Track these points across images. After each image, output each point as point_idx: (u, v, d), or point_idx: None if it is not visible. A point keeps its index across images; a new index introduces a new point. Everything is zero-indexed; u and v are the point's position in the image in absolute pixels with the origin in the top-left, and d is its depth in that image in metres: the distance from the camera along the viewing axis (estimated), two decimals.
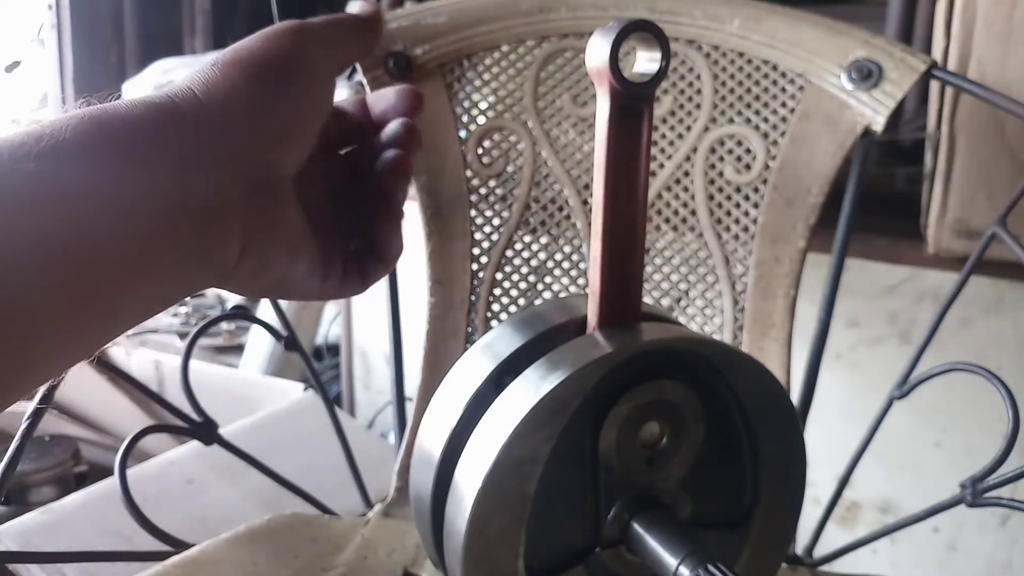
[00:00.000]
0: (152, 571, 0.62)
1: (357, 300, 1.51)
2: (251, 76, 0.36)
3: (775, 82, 0.73)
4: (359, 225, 0.45)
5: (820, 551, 0.75)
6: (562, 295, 0.77)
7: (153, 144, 0.32)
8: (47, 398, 0.61)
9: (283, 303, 0.83)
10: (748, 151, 0.73)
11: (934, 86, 0.89)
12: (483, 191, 0.79)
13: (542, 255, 0.78)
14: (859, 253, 1.00)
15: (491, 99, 0.78)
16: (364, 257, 0.45)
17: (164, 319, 1.75)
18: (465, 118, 0.78)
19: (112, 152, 0.30)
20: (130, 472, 0.69)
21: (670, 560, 0.37)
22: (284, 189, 0.37)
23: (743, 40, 0.74)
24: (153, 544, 0.69)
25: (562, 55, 0.78)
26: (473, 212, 0.79)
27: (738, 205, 0.73)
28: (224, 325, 1.73)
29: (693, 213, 0.75)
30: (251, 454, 0.76)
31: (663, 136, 0.76)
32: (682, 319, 0.74)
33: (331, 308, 1.74)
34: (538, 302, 0.77)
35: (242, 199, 0.34)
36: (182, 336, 1.72)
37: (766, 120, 0.73)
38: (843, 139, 0.71)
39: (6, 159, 0.28)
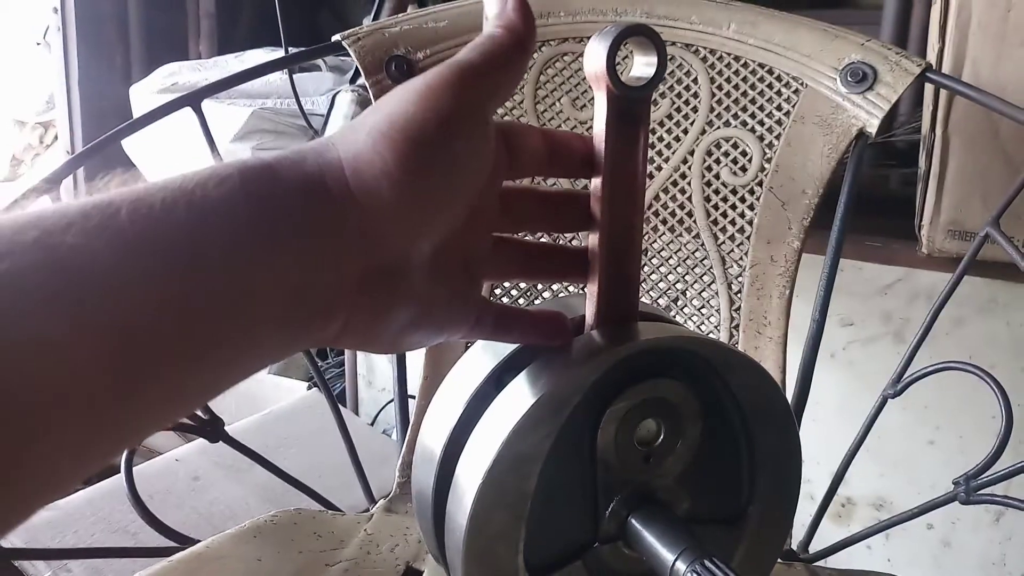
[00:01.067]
0: (157, 567, 0.63)
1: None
2: (404, 155, 0.30)
3: (771, 85, 0.74)
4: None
5: (815, 547, 0.76)
6: (561, 295, 0.78)
7: (299, 221, 0.28)
8: None
9: None
10: (744, 153, 0.74)
11: (928, 89, 0.90)
12: None
13: None
14: (854, 253, 1.01)
15: None
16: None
17: None
18: None
19: (258, 218, 0.28)
20: (136, 469, 0.70)
21: (667, 555, 0.38)
22: (408, 275, 0.32)
23: (739, 44, 0.74)
24: (159, 540, 0.69)
25: (561, 59, 0.79)
26: None
27: (734, 206, 0.74)
28: None
29: (690, 214, 0.75)
30: (256, 451, 0.77)
31: (660, 139, 0.77)
32: (679, 318, 0.75)
33: None
34: (538, 302, 0.78)
35: (358, 289, 0.30)
36: None
37: (762, 123, 0.74)
38: (838, 141, 0.71)
39: (157, 207, 0.26)
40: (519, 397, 0.36)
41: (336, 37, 0.79)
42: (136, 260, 0.25)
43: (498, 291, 0.79)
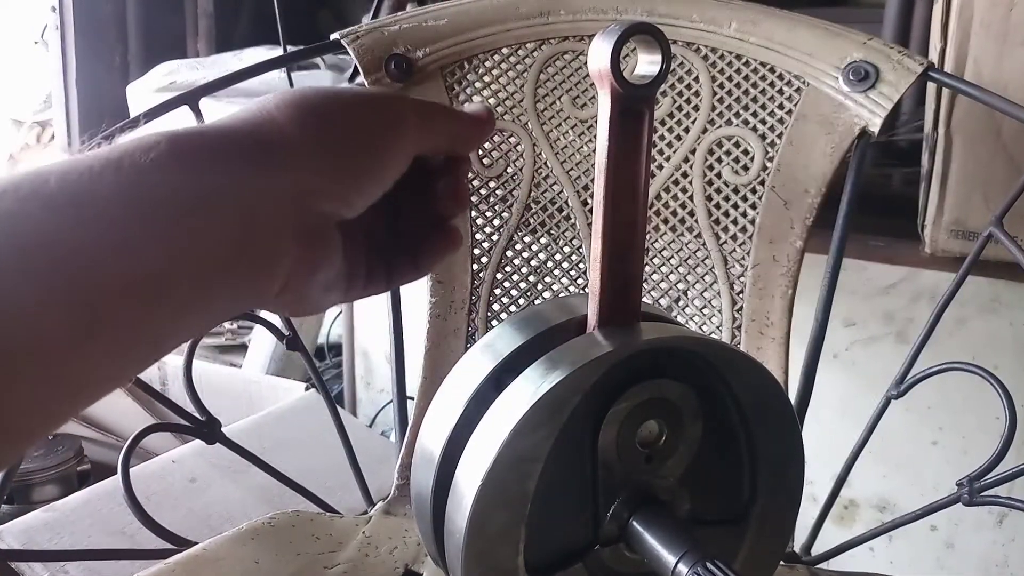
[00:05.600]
0: (155, 569, 0.63)
1: (359, 300, 1.51)
2: (347, 117, 0.35)
3: (772, 84, 0.74)
4: (407, 243, 0.43)
5: (818, 549, 0.75)
6: (562, 295, 0.78)
7: (234, 178, 0.31)
8: None
9: None
10: (746, 152, 0.74)
11: (931, 87, 0.90)
12: (484, 192, 0.79)
13: (542, 255, 0.79)
14: (856, 253, 1.01)
15: (491, 101, 0.79)
16: (395, 259, 0.43)
17: None
18: None
19: (194, 178, 0.30)
20: (133, 471, 0.70)
21: (669, 557, 0.37)
22: (334, 236, 0.36)
23: (741, 43, 0.74)
24: (156, 542, 0.69)
25: (561, 57, 0.78)
26: (474, 213, 0.79)
27: (736, 206, 0.74)
28: (227, 324, 1.74)
29: (692, 214, 0.75)
30: (253, 453, 0.77)
31: (662, 138, 0.76)
32: (681, 319, 0.74)
33: (333, 308, 1.75)
34: (538, 302, 0.78)
35: (294, 244, 0.33)
36: None
37: (764, 122, 0.74)
38: (840, 140, 0.71)
39: (86, 174, 0.27)
40: (519, 398, 0.36)
41: (335, 36, 0.79)
42: (69, 220, 0.26)
43: (498, 291, 0.79)
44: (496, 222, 0.79)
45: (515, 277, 0.79)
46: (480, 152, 0.79)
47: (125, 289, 0.27)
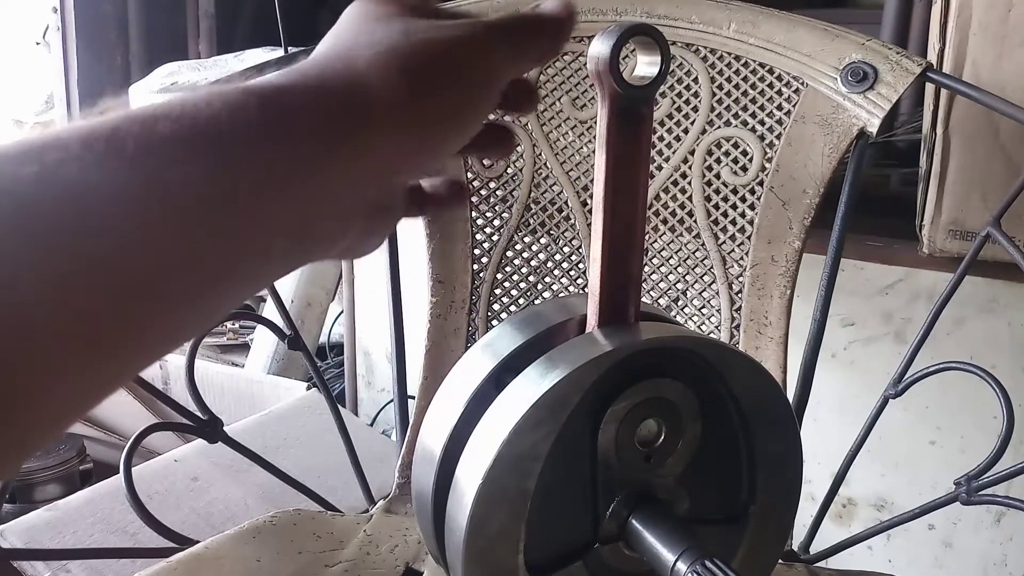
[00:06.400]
0: (157, 567, 0.63)
1: (360, 300, 1.51)
2: (440, 78, 0.31)
3: (771, 85, 0.74)
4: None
5: (816, 547, 0.76)
6: (562, 295, 0.78)
7: (322, 146, 0.28)
8: None
9: (286, 303, 0.83)
10: (745, 153, 0.74)
11: (929, 88, 0.90)
12: (484, 192, 0.79)
13: (542, 255, 0.79)
14: (855, 253, 1.01)
15: None
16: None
17: None
18: None
19: (286, 137, 0.27)
20: (135, 470, 0.70)
21: (668, 556, 0.37)
22: (401, 200, 0.34)
23: (740, 44, 0.74)
24: (158, 541, 0.69)
25: (561, 58, 0.79)
26: (474, 213, 0.79)
27: (735, 206, 0.74)
28: (229, 324, 1.74)
29: (691, 214, 0.75)
30: (255, 452, 0.77)
31: (661, 138, 0.77)
32: (680, 318, 0.75)
33: (335, 308, 1.75)
34: (538, 302, 0.78)
35: (363, 219, 0.31)
36: None
37: (762, 123, 0.74)
38: (839, 141, 0.71)
39: (169, 138, 0.24)
40: (519, 397, 0.36)
41: None
42: (146, 192, 0.23)
43: (498, 291, 0.79)
44: (496, 222, 0.79)
45: (515, 277, 0.79)
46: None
47: (186, 265, 0.24)
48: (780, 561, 0.69)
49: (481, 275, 0.79)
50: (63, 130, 0.23)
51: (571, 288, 0.78)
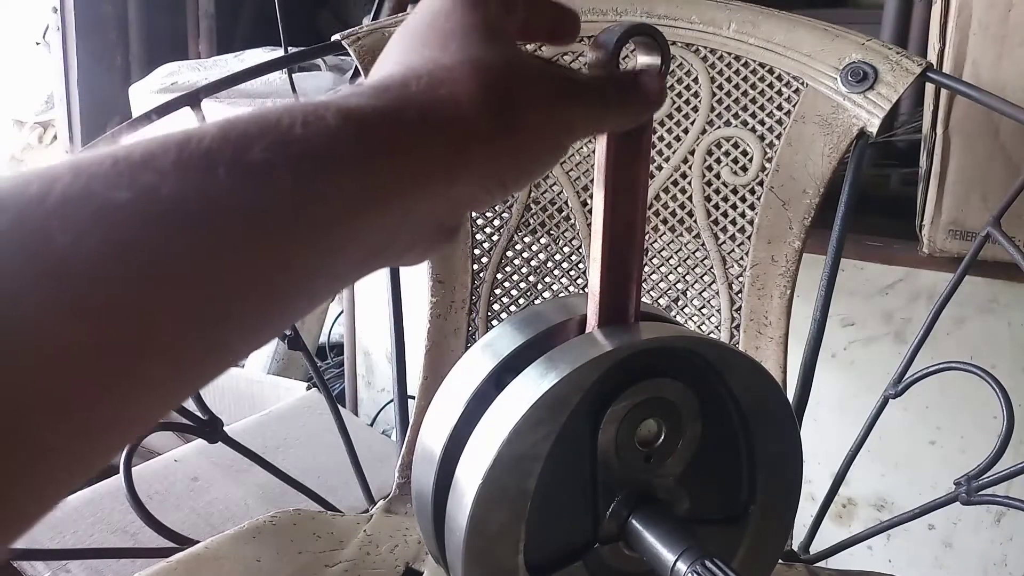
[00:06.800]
0: (157, 568, 0.63)
1: (360, 299, 1.51)
2: (532, 115, 0.30)
3: (771, 85, 0.74)
4: None
5: (816, 548, 0.76)
6: (562, 295, 0.78)
7: (409, 173, 0.27)
8: None
9: None
10: (745, 153, 0.74)
11: (929, 88, 0.90)
12: None
13: (542, 255, 0.79)
14: (854, 253, 1.01)
15: None
16: None
17: None
18: None
19: (368, 165, 0.26)
20: (135, 470, 0.70)
21: (668, 556, 0.38)
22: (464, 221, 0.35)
23: (740, 44, 0.74)
24: (158, 541, 0.69)
25: (562, 58, 0.78)
26: (474, 213, 0.79)
27: (735, 206, 0.74)
28: None
29: (691, 214, 0.75)
30: (255, 452, 0.77)
31: (661, 138, 0.77)
32: (680, 318, 0.75)
33: (335, 308, 1.75)
34: (538, 302, 0.78)
35: (430, 240, 0.31)
36: None
37: (762, 123, 0.74)
38: (839, 141, 0.71)
39: (260, 163, 0.24)
40: (519, 397, 0.36)
41: (336, 37, 0.79)
42: (239, 221, 0.23)
43: (498, 291, 0.79)
44: (496, 222, 0.79)
45: (515, 277, 0.79)
46: None
47: (269, 283, 0.24)
48: (780, 561, 0.69)
49: (481, 275, 0.79)
50: (153, 147, 0.23)
51: (571, 288, 0.78)
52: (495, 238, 0.79)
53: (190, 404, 0.73)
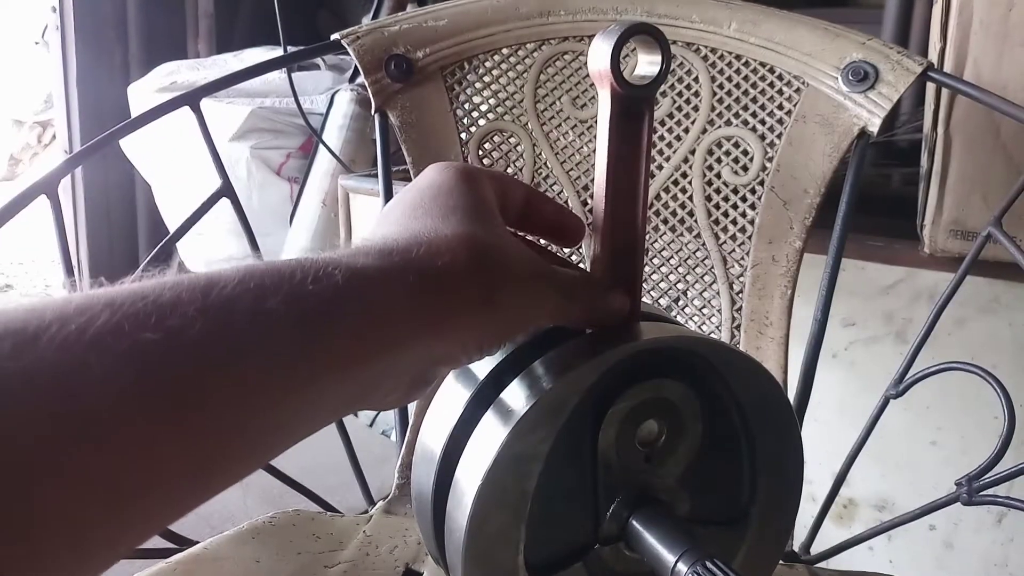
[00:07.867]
0: (156, 568, 0.63)
1: None
2: (512, 291, 0.35)
3: (772, 84, 0.74)
4: None
5: (817, 548, 0.75)
6: None
7: (403, 333, 0.31)
8: None
9: None
10: (745, 153, 0.74)
11: (930, 88, 0.90)
12: None
13: None
14: (855, 253, 1.01)
15: (491, 101, 0.79)
16: None
17: None
18: (466, 120, 0.79)
19: (367, 322, 0.30)
20: None
21: (668, 557, 0.37)
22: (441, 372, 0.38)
23: (740, 43, 0.74)
24: (156, 541, 0.69)
25: (561, 58, 0.78)
26: None
27: (735, 206, 0.74)
28: None
29: (691, 214, 0.75)
30: None
31: (661, 138, 0.76)
32: (680, 318, 0.75)
33: None
34: None
35: (406, 390, 0.34)
36: None
37: (763, 122, 0.74)
38: (839, 141, 0.71)
39: (278, 316, 0.28)
40: (519, 398, 0.36)
41: (335, 36, 0.79)
42: (252, 363, 0.27)
43: None
44: None
45: None
46: (480, 152, 0.79)
47: (266, 416, 0.28)
48: (781, 562, 0.69)
49: None
50: (180, 289, 0.26)
51: None
52: None
53: None
